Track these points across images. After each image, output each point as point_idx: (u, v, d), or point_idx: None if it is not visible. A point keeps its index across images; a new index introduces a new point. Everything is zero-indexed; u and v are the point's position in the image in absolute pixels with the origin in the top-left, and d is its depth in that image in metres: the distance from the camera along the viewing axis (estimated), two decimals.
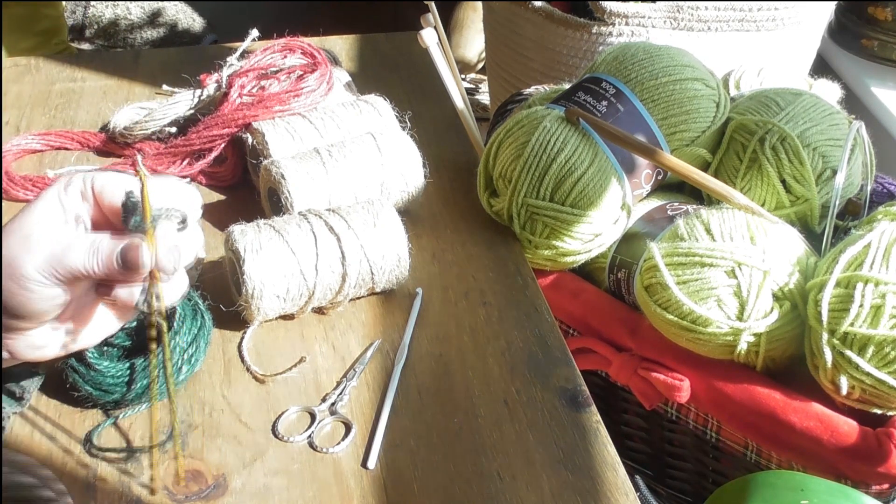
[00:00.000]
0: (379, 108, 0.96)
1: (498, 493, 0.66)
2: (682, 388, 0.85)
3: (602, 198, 0.88)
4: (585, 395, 0.74)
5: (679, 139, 0.93)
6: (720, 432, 0.86)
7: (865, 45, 1.79)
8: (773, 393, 0.81)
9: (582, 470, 0.67)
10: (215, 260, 0.86)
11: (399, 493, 0.66)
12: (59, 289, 0.56)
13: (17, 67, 1.20)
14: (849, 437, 0.77)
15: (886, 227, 0.79)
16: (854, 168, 0.93)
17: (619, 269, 0.93)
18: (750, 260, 0.80)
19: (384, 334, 0.79)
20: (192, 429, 0.70)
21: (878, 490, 0.78)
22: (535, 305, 0.83)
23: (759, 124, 0.92)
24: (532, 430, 0.71)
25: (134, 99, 1.13)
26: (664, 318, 0.83)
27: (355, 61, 1.24)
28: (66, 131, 1.04)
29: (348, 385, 0.74)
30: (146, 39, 2.58)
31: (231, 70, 1.01)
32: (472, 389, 0.74)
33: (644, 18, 1.40)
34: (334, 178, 0.86)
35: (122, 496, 0.65)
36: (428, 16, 1.00)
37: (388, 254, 0.80)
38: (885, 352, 0.74)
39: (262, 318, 0.78)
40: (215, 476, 0.67)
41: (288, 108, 0.95)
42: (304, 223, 0.79)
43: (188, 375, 0.73)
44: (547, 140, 0.87)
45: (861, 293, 0.75)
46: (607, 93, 0.92)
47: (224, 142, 0.96)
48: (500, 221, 0.92)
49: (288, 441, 0.69)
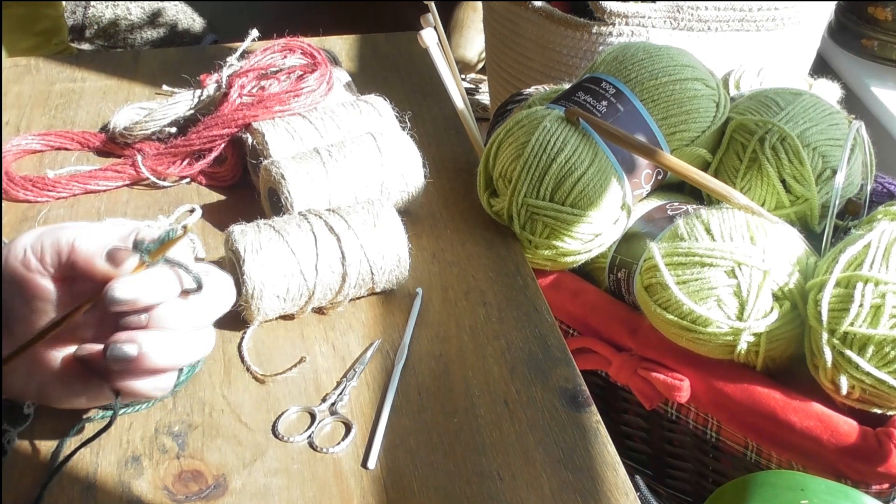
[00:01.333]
0: (379, 108, 0.96)
1: (498, 493, 0.66)
2: (682, 388, 0.85)
3: (602, 198, 0.88)
4: (585, 395, 0.74)
5: (679, 139, 0.93)
6: (720, 432, 0.86)
7: (865, 45, 1.79)
8: (773, 393, 0.81)
9: (582, 470, 0.67)
10: (215, 260, 0.86)
11: (399, 493, 0.66)
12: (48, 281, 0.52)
13: (17, 67, 1.20)
14: (849, 437, 0.77)
15: (886, 227, 0.79)
16: (854, 168, 0.93)
17: (619, 269, 0.93)
18: (750, 260, 0.80)
19: (384, 334, 0.79)
20: (192, 429, 0.70)
21: (878, 490, 0.78)
22: (535, 305, 0.83)
23: (759, 124, 0.92)
24: (532, 430, 0.71)
25: (134, 99, 1.13)
26: (664, 318, 0.83)
27: (355, 61, 1.24)
28: (66, 131, 1.04)
29: (348, 385, 0.74)
30: (146, 39, 2.58)
31: (231, 70, 1.01)
32: (471, 389, 0.74)
33: (644, 18, 1.41)
34: (334, 178, 0.86)
35: (122, 496, 0.65)
36: (428, 16, 1.00)
37: (388, 254, 0.80)
38: (884, 351, 0.74)
39: (262, 318, 0.79)
40: (215, 476, 0.67)
41: (288, 109, 0.95)
42: (304, 223, 0.79)
43: (188, 376, 0.73)
44: (547, 140, 0.87)
45: (861, 293, 0.75)
46: (607, 93, 0.92)
47: (224, 142, 0.96)
48: (500, 221, 0.92)
49: (288, 441, 0.69)
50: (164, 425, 0.70)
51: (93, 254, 0.51)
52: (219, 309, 0.54)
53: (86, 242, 0.51)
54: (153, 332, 0.51)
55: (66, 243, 0.51)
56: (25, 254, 0.52)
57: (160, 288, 0.51)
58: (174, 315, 0.52)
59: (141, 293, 0.50)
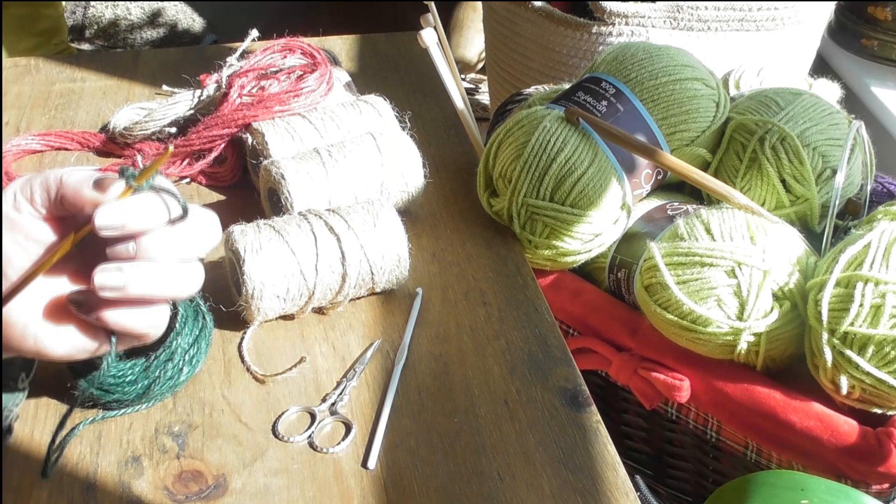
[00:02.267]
0: (379, 108, 0.96)
1: (498, 493, 0.66)
2: (682, 388, 0.85)
3: (602, 198, 0.88)
4: (585, 395, 0.74)
5: (679, 139, 0.93)
6: (720, 432, 0.86)
7: (865, 45, 1.79)
8: (773, 393, 0.81)
9: (582, 470, 0.67)
10: (215, 260, 0.86)
11: (399, 493, 0.66)
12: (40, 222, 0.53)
13: (17, 67, 1.20)
14: (849, 437, 0.77)
15: (886, 227, 0.79)
16: (854, 168, 0.93)
17: (619, 269, 0.93)
18: (750, 260, 0.80)
19: (384, 334, 0.79)
20: (192, 429, 0.70)
21: (878, 490, 0.78)
22: (535, 305, 0.83)
23: (758, 124, 0.92)
24: (532, 430, 0.71)
25: (134, 99, 1.13)
26: (664, 318, 0.83)
27: (355, 61, 1.24)
28: (65, 132, 1.04)
29: (348, 385, 0.74)
30: (146, 39, 2.58)
31: (231, 70, 1.01)
32: (472, 389, 0.74)
33: (644, 18, 1.40)
34: (334, 179, 0.86)
35: (122, 496, 0.65)
36: (428, 16, 1.00)
37: (388, 254, 0.80)
38: (885, 351, 0.74)
39: (262, 318, 0.78)
40: (215, 476, 0.67)
41: (288, 109, 0.95)
42: (304, 223, 0.79)
43: (189, 376, 0.73)
44: (547, 140, 0.87)
45: (861, 293, 0.75)
46: (607, 93, 0.92)
47: (224, 142, 0.96)
48: (500, 221, 0.92)
49: (288, 441, 0.69)
50: (164, 425, 0.70)
51: (80, 182, 0.52)
52: (205, 242, 0.55)
53: (73, 175, 0.52)
54: (140, 261, 0.52)
55: (55, 180, 0.52)
56: (16, 197, 0.53)
57: (147, 212, 0.51)
58: (161, 245, 0.52)
59: (128, 217, 0.51)
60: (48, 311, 0.54)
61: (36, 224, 0.53)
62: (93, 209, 0.50)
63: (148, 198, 0.51)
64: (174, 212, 0.52)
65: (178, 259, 0.53)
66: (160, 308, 0.53)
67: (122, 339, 0.54)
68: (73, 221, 0.53)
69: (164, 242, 0.52)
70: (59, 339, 0.54)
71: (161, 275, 0.52)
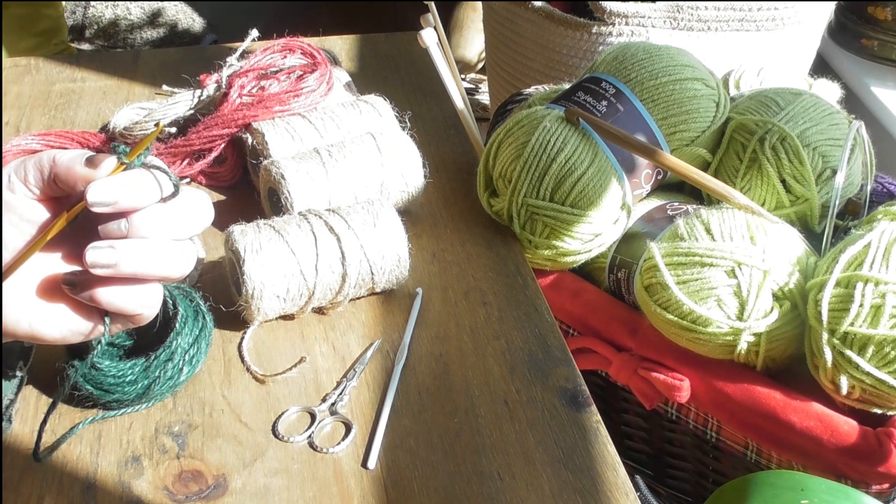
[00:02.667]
0: (379, 108, 0.96)
1: (498, 493, 0.66)
2: (682, 388, 0.85)
3: (602, 198, 0.88)
4: (585, 395, 0.74)
5: (679, 139, 0.93)
6: (720, 432, 0.86)
7: (865, 45, 1.79)
8: (773, 393, 0.81)
9: (582, 470, 0.67)
10: (215, 260, 0.86)
11: (399, 493, 0.66)
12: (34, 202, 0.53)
13: (17, 67, 1.20)
14: (849, 437, 0.77)
15: (886, 227, 0.79)
16: (854, 168, 0.93)
17: (619, 269, 0.93)
18: (750, 260, 0.80)
19: (384, 334, 0.79)
20: (192, 429, 0.70)
21: (878, 490, 0.78)
22: (535, 305, 0.83)
23: (759, 124, 0.92)
24: (532, 430, 0.71)
25: (134, 99, 1.13)
26: (664, 318, 0.83)
27: (355, 61, 1.24)
28: (65, 131, 1.04)
29: (348, 385, 0.74)
30: (146, 39, 2.58)
31: (231, 70, 1.01)
32: (472, 389, 0.74)
33: (644, 18, 1.40)
34: (334, 178, 0.86)
35: (122, 496, 0.65)
36: (428, 16, 1.00)
37: (388, 254, 0.80)
38: (885, 351, 0.74)
39: (262, 318, 0.78)
40: (215, 476, 0.67)
41: (288, 109, 0.95)
42: (304, 223, 0.79)
43: (189, 376, 0.73)
44: (547, 140, 0.87)
45: (861, 293, 0.75)
46: (607, 93, 0.92)
47: (224, 142, 0.96)
48: (500, 221, 0.92)
49: (288, 441, 0.69)
50: (164, 425, 0.70)
51: (72, 160, 0.52)
52: (197, 222, 0.55)
53: (66, 154, 0.53)
54: (132, 239, 0.52)
55: (48, 160, 0.53)
56: (10, 178, 0.53)
57: (139, 187, 0.51)
58: (153, 222, 0.52)
59: (120, 192, 0.51)
60: (42, 294, 0.54)
61: (30, 204, 0.53)
62: (85, 186, 0.51)
63: (140, 174, 0.52)
64: (166, 189, 0.52)
65: (171, 238, 0.53)
66: (153, 287, 0.53)
67: (115, 319, 0.53)
68: (66, 202, 0.53)
69: (156, 220, 0.52)
70: (53, 321, 0.54)
71: (153, 253, 0.52)
